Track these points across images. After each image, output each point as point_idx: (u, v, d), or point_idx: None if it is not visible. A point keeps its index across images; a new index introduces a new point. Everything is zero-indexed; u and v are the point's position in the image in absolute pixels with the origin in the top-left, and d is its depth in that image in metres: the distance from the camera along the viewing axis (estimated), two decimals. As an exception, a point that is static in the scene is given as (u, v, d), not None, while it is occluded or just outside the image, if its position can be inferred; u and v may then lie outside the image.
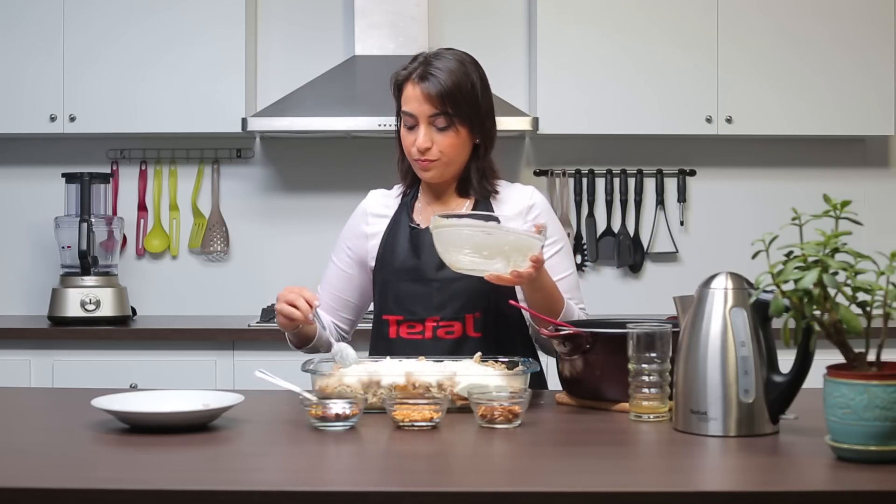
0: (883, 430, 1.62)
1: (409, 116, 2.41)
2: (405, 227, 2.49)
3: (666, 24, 4.27)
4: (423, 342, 2.41)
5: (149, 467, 1.71)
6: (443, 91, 2.37)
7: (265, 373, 2.10)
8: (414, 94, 2.39)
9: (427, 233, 2.44)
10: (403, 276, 2.43)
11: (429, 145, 2.40)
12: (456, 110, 2.38)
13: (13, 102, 4.22)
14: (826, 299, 1.66)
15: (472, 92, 2.40)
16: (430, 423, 1.94)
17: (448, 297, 2.41)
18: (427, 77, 2.38)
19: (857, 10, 4.28)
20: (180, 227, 4.54)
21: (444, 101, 2.37)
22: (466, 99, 2.39)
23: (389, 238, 2.50)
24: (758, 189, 4.57)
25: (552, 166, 4.56)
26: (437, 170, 2.43)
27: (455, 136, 2.40)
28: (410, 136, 2.42)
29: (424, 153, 2.40)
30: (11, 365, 3.91)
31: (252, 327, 3.96)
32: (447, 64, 2.40)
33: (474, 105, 2.41)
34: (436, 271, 2.41)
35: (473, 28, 4.50)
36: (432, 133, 2.40)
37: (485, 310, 2.40)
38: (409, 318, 2.43)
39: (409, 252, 2.46)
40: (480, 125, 2.43)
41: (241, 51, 4.25)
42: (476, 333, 2.41)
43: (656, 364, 2.00)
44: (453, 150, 2.41)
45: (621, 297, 4.53)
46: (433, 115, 2.38)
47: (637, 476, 1.68)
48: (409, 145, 2.43)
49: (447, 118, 2.38)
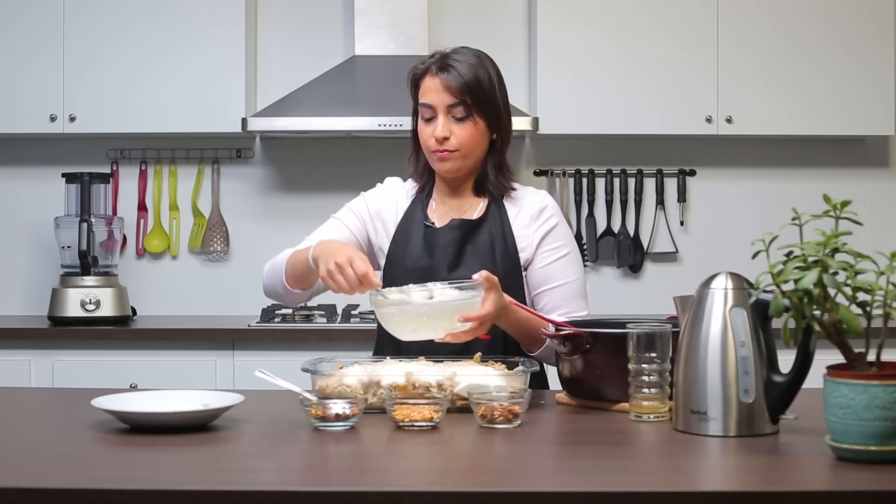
0: (883, 430, 1.62)
1: (427, 108, 2.42)
2: (419, 225, 2.48)
3: (666, 24, 4.27)
4: (432, 343, 2.40)
5: (149, 467, 1.71)
6: (462, 81, 2.39)
7: (265, 373, 2.10)
8: (433, 84, 2.41)
9: (440, 232, 2.44)
10: (415, 275, 2.41)
11: (447, 135, 2.40)
12: (475, 101, 2.40)
13: (13, 102, 4.22)
14: (826, 299, 1.66)
15: (490, 86, 2.43)
16: (430, 423, 1.94)
17: None
18: (446, 68, 2.40)
19: (857, 10, 4.28)
20: (180, 227, 4.54)
21: (462, 92, 2.39)
22: (485, 92, 2.41)
23: (402, 235, 2.49)
24: (758, 189, 4.57)
25: (552, 166, 4.56)
26: (454, 161, 2.43)
27: (473, 127, 2.41)
28: (428, 127, 2.43)
29: (443, 143, 2.41)
30: (11, 365, 3.91)
31: (252, 327, 3.96)
32: (466, 58, 2.43)
33: (492, 99, 2.43)
34: (448, 272, 2.41)
35: (473, 28, 4.50)
36: (450, 124, 2.41)
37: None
38: None
39: (422, 251, 2.45)
40: (497, 120, 2.45)
41: (241, 51, 4.25)
42: (485, 336, 2.41)
43: (656, 364, 2.00)
44: (471, 142, 2.42)
45: (621, 297, 4.53)
46: (452, 105, 2.40)
47: (637, 476, 1.68)
48: (427, 137, 2.43)
49: (466, 108, 2.40)
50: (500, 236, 2.46)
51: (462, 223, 2.46)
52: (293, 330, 3.95)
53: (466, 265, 2.41)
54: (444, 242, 2.44)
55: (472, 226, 2.46)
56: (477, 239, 2.45)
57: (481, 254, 2.43)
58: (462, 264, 2.42)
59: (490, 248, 2.44)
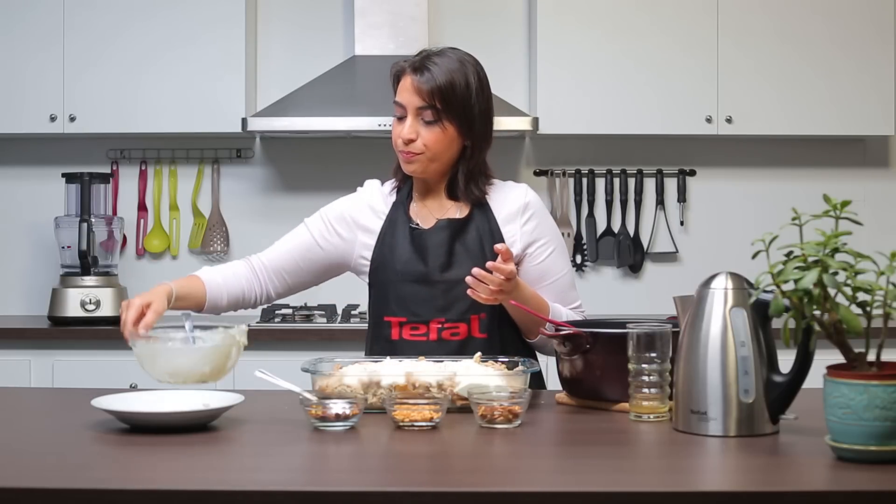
0: (883, 430, 1.62)
1: (399, 107, 2.41)
2: (404, 228, 2.46)
3: (666, 24, 4.27)
4: (427, 343, 2.40)
5: (149, 467, 1.71)
6: (434, 85, 2.36)
7: (265, 373, 2.10)
8: (407, 84, 2.40)
9: (429, 233, 2.44)
10: (406, 278, 2.42)
11: (413, 137, 2.39)
12: (445, 107, 2.37)
13: (13, 102, 4.22)
14: (826, 299, 1.66)
15: (466, 92, 2.38)
16: (430, 423, 1.94)
17: (454, 299, 2.40)
18: (422, 70, 2.38)
19: (857, 10, 4.28)
20: (180, 227, 4.54)
21: (432, 96, 2.36)
22: (458, 98, 2.37)
23: (388, 238, 2.47)
24: (758, 189, 4.57)
25: (552, 166, 4.56)
26: (419, 164, 2.41)
27: (441, 132, 2.38)
28: (398, 126, 2.42)
29: (408, 144, 2.39)
30: (11, 365, 3.91)
31: (252, 327, 3.95)
32: (446, 61, 2.39)
33: (466, 105, 2.39)
34: (441, 273, 2.41)
35: (473, 28, 4.50)
36: (419, 126, 2.39)
37: (490, 311, 2.39)
38: (413, 319, 2.42)
39: (412, 254, 2.44)
40: (469, 126, 2.40)
41: (241, 51, 4.25)
42: (482, 334, 2.41)
43: (656, 364, 2.00)
44: (438, 146, 2.39)
45: (621, 297, 4.53)
46: (421, 108, 2.38)
47: (637, 476, 1.68)
48: (395, 136, 2.42)
49: (434, 112, 2.37)
50: (487, 234, 2.44)
51: (450, 223, 2.44)
52: (293, 330, 3.94)
53: (458, 265, 2.40)
54: (435, 244, 2.43)
55: (460, 225, 2.45)
56: (466, 237, 2.44)
57: (472, 252, 2.42)
58: (454, 264, 2.42)
59: (480, 246, 2.43)
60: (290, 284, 2.57)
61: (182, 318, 2.21)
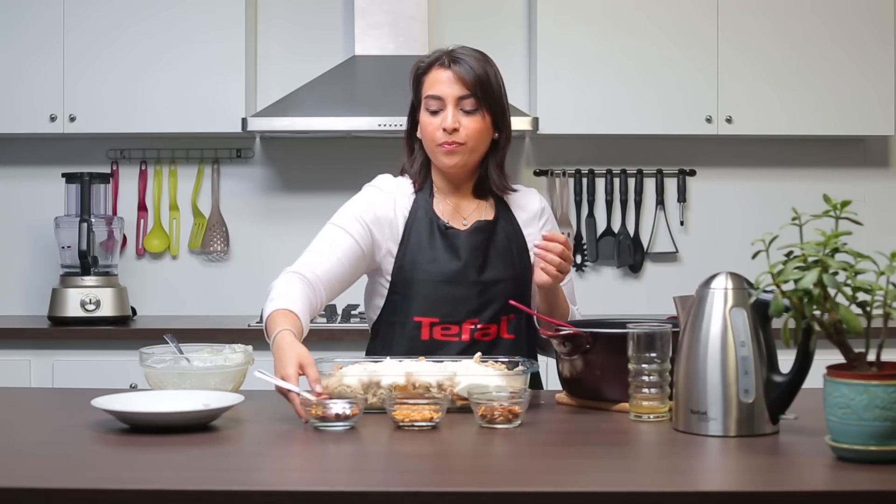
0: (883, 430, 1.62)
1: (434, 100, 2.40)
2: (431, 227, 2.43)
3: (666, 24, 4.27)
4: (458, 344, 2.40)
5: (149, 467, 1.71)
6: (474, 74, 2.38)
7: (265, 373, 2.10)
8: (443, 76, 2.40)
9: (463, 234, 2.43)
10: (439, 278, 2.40)
11: (457, 126, 2.38)
12: (484, 95, 2.39)
13: (13, 102, 4.22)
14: (826, 299, 1.66)
15: (497, 83, 2.43)
16: (430, 423, 1.94)
17: (488, 300, 2.40)
18: (457, 61, 2.40)
19: (857, 10, 4.28)
20: (180, 227, 4.54)
21: (474, 84, 2.38)
22: (494, 88, 2.41)
23: (415, 236, 2.43)
24: (758, 189, 4.57)
25: (552, 166, 4.56)
26: (461, 156, 2.40)
27: (482, 121, 2.40)
28: (435, 119, 2.40)
29: (451, 134, 2.38)
30: (11, 365, 3.91)
31: (252, 327, 3.96)
32: (473, 54, 2.43)
33: (499, 96, 2.43)
34: (478, 274, 2.41)
35: (473, 28, 4.50)
36: (459, 116, 2.39)
37: (518, 311, 2.40)
38: (446, 319, 2.41)
39: (447, 254, 2.42)
40: (502, 117, 2.44)
41: (241, 51, 4.25)
42: (509, 335, 2.41)
43: (656, 364, 2.00)
44: (478, 136, 2.40)
45: (621, 297, 4.53)
46: (462, 97, 2.39)
47: (637, 476, 1.68)
48: (433, 129, 2.39)
49: (476, 101, 2.39)
50: (514, 236, 2.47)
51: (485, 225, 2.45)
52: (293, 330, 3.94)
53: (492, 266, 2.42)
54: (471, 246, 2.42)
55: (491, 226, 2.46)
56: (496, 239, 2.45)
57: (503, 255, 2.44)
58: (488, 266, 2.43)
59: (508, 248, 2.45)
60: (338, 291, 2.45)
61: (165, 338, 2.34)
